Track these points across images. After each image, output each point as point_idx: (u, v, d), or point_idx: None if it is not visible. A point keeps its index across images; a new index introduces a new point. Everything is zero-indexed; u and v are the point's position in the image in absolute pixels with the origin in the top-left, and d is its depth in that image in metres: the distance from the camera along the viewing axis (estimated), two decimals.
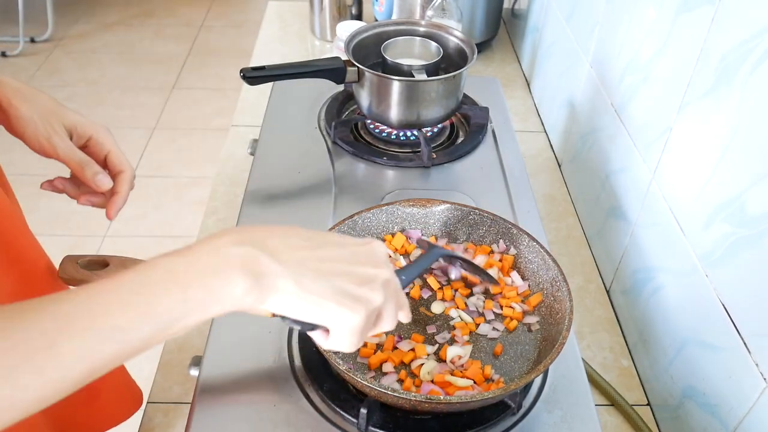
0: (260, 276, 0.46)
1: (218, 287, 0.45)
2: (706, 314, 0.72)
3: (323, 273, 0.48)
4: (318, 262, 0.49)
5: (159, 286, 0.44)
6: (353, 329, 0.49)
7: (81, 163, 0.69)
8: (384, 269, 0.52)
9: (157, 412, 0.84)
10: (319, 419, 0.67)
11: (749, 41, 0.65)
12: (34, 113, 0.68)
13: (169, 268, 0.45)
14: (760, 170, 0.63)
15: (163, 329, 0.44)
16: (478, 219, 0.83)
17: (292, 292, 0.47)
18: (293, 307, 0.47)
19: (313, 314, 0.48)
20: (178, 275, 0.45)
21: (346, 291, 0.48)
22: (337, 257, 0.50)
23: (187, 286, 0.44)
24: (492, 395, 0.61)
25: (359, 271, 0.50)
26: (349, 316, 0.48)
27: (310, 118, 1.11)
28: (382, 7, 1.51)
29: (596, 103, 1.08)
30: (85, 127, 0.71)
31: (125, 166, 0.74)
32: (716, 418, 0.71)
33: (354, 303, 0.48)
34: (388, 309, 0.51)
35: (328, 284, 0.48)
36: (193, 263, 0.45)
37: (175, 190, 2.58)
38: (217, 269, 0.45)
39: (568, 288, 0.72)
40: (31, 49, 3.42)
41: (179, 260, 0.46)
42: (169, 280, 0.45)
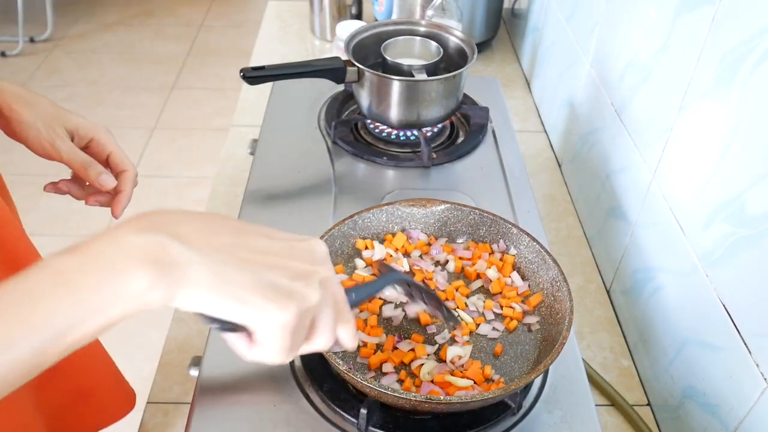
0: (167, 266, 0.38)
1: (115, 284, 0.38)
2: (706, 314, 0.72)
3: (249, 263, 0.41)
4: (243, 250, 0.42)
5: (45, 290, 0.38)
6: (282, 330, 0.41)
7: (84, 164, 0.69)
8: (323, 267, 0.45)
9: (157, 412, 0.84)
10: (319, 419, 0.67)
11: (749, 41, 0.65)
12: (36, 118, 0.68)
13: (57, 267, 0.38)
14: (760, 170, 0.63)
15: (53, 340, 0.37)
16: (479, 219, 0.83)
17: (208, 284, 0.39)
18: (209, 302, 0.40)
19: (233, 310, 0.40)
20: (68, 274, 0.38)
21: (276, 284, 0.41)
22: (268, 248, 0.43)
23: (77, 286, 0.38)
24: (492, 395, 0.61)
25: (294, 265, 0.43)
26: (277, 313, 0.40)
27: (310, 118, 1.11)
28: (382, 7, 1.51)
29: (596, 103, 1.08)
30: (87, 129, 0.72)
31: (128, 166, 0.74)
32: (716, 418, 0.71)
33: (284, 298, 0.41)
34: (324, 316, 0.44)
35: (253, 276, 0.41)
36: (86, 259, 0.39)
37: (175, 190, 2.58)
38: (113, 263, 0.38)
39: (568, 288, 0.72)
40: (30, 49, 3.42)
41: (70, 257, 0.39)
42: (57, 282, 0.38)
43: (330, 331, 0.45)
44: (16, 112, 0.68)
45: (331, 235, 0.78)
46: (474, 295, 0.78)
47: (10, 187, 0.82)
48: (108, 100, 3.09)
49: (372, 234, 0.83)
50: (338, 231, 0.79)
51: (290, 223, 0.90)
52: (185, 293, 0.39)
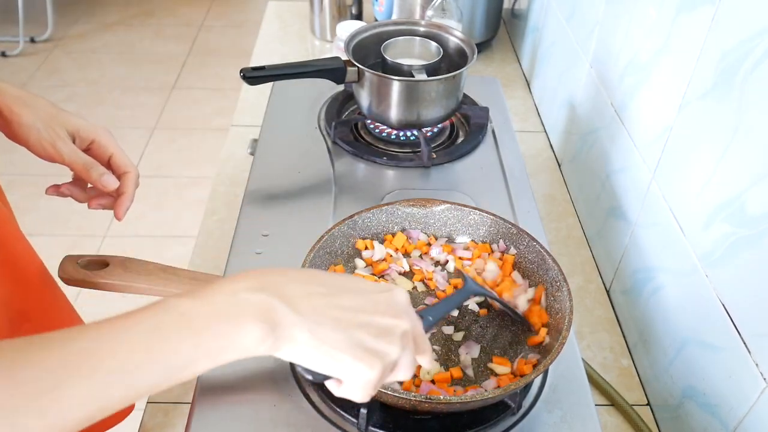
0: (276, 325, 0.45)
1: (232, 335, 0.44)
2: (706, 314, 0.72)
3: (341, 323, 0.47)
4: (336, 310, 0.47)
5: (171, 330, 0.43)
6: (368, 383, 0.47)
7: (86, 165, 0.70)
8: (403, 320, 0.50)
9: (157, 412, 0.84)
10: (319, 419, 0.67)
11: (749, 41, 0.65)
12: (36, 120, 0.68)
13: (182, 311, 0.44)
14: (760, 170, 0.63)
15: (171, 374, 0.43)
16: (479, 219, 0.83)
17: (308, 343, 0.46)
18: (308, 357, 0.46)
19: (327, 366, 0.47)
20: (192, 320, 0.43)
21: (363, 344, 0.47)
22: (356, 306, 0.48)
23: (200, 332, 0.43)
24: (492, 395, 0.61)
25: (378, 321, 0.48)
26: (365, 370, 0.47)
27: (310, 118, 1.11)
28: (382, 7, 1.51)
29: (596, 103, 1.08)
30: (88, 131, 0.72)
31: (129, 167, 0.75)
32: (716, 418, 0.71)
33: (370, 357, 0.47)
34: (404, 360, 0.49)
35: (344, 336, 0.46)
36: (207, 308, 0.44)
37: (175, 190, 2.58)
38: (232, 316, 0.44)
39: (568, 288, 0.72)
40: (31, 49, 3.42)
41: (194, 303, 0.44)
42: (182, 325, 0.43)
43: (410, 368, 0.50)
44: (17, 114, 0.68)
45: (331, 235, 0.78)
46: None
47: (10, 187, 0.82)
48: (108, 100, 3.09)
49: (372, 234, 0.83)
50: (338, 231, 0.79)
51: (290, 223, 0.90)
52: (288, 348, 0.46)
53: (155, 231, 2.37)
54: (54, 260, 0.76)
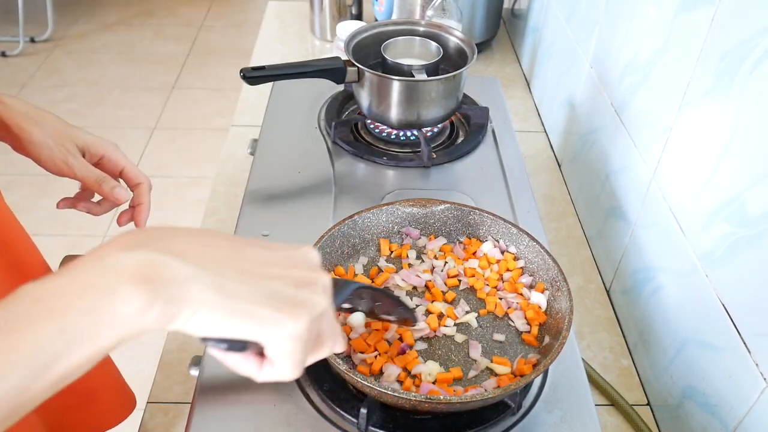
0: (162, 284, 0.35)
1: (103, 307, 0.35)
2: (706, 314, 0.72)
3: (251, 275, 0.39)
4: (242, 262, 0.40)
5: (24, 321, 0.34)
6: (296, 341, 0.39)
7: (98, 180, 0.71)
8: (323, 274, 0.43)
9: (157, 412, 0.84)
10: (319, 419, 0.67)
11: (749, 41, 0.65)
12: (46, 137, 0.69)
13: (37, 295, 0.35)
14: (760, 170, 0.63)
15: (39, 372, 0.34)
16: (478, 219, 0.83)
17: (213, 301, 0.37)
18: (216, 320, 0.37)
19: (242, 327, 0.38)
20: (49, 302, 0.35)
21: (283, 294, 0.39)
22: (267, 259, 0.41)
23: (61, 313, 0.35)
24: (492, 395, 0.61)
25: (295, 273, 0.41)
26: (290, 324, 0.39)
27: (310, 118, 1.11)
28: (382, 7, 1.51)
29: (596, 103, 1.08)
30: (97, 147, 0.73)
31: (142, 178, 0.76)
32: (716, 418, 0.71)
33: (294, 308, 0.39)
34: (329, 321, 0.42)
35: (258, 288, 0.39)
36: (69, 283, 0.36)
37: (175, 190, 2.58)
38: (101, 285, 0.35)
39: (568, 288, 0.72)
40: (31, 49, 3.42)
41: (51, 283, 0.36)
42: (39, 311, 0.35)
43: (335, 335, 0.44)
44: (27, 132, 0.68)
45: (331, 234, 0.78)
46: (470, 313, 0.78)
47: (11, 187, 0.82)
48: (108, 100, 3.09)
49: (372, 234, 0.83)
50: (338, 231, 0.79)
51: (290, 223, 0.90)
52: (187, 313, 0.36)
53: None
54: (54, 260, 0.76)
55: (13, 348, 0.34)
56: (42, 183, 2.43)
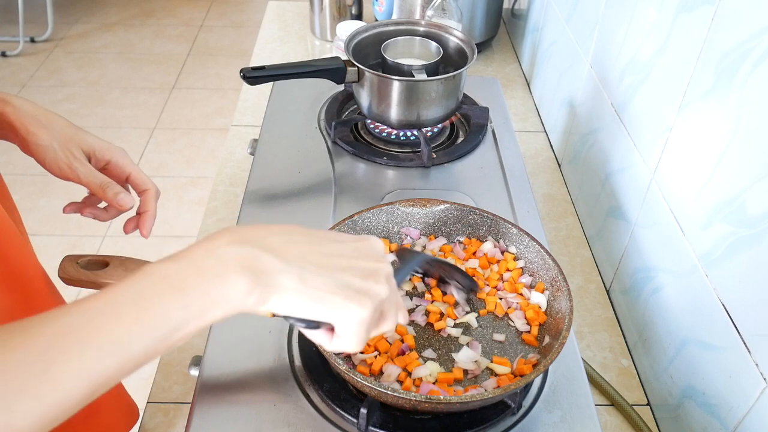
0: (261, 274, 0.44)
1: (217, 290, 0.43)
2: (706, 314, 0.72)
3: (326, 268, 0.47)
4: (320, 257, 0.47)
5: (154, 295, 0.42)
6: (361, 324, 0.48)
7: (102, 185, 0.70)
8: (385, 263, 0.51)
9: (157, 412, 0.84)
10: (319, 419, 0.67)
11: (749, 41, 0.65)
12: (52, 140, 0.68)
13: (163, 274, 0.43)
14: (760, 170, 0.63)
15: (163, 339, 0.42)
16: (478, 219, 0.83)
17: (296, 289, 0.45)
18: (298, 304, 0.46)
19: (318, 311, 0.47)
20: (174, 281, 0.43)
21: (352, 284, 0.47)
22: (339, 252, 0.49)
23: (184, 291, 0.43)
24: (492, 395, 0.61)
25: (362, 264, 0.49)
26: (357, 310, 0.47)
27: (310, 118, 1.11)
28: (382, 7, 1.51)
29: (596, 103, 1.08)
30: (104, 151, 0.72)
31: (148, 185, 0.75)
32: (716, 418, 0.71)
33: (361, 296, 0.47)
34: (391, 304, 0.50)
35: (332, 279, 0.47)
36: (188, 267, 0.44)
37: (175, 190, 2.58)
38: (215, 271, 0.44)
39: (567, 288, 0.72)
40: (31, 49, 3.42)
41: (174, 265, 0.44)
42: (165, 287, 0.43)
43: (395, 316, 0.51)
44: (33, 135, 0.68)
45: None
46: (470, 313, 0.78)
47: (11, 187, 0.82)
48: (108, 100, 3.09)
49: (372, 233, 0.83)
50: (338, 231, 0.79)
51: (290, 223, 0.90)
52: (277, 298, 0.45)
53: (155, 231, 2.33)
54: (54, 260, 0.76)
55: (147, 316, 0.42)
56: (42, 183, 2.43)
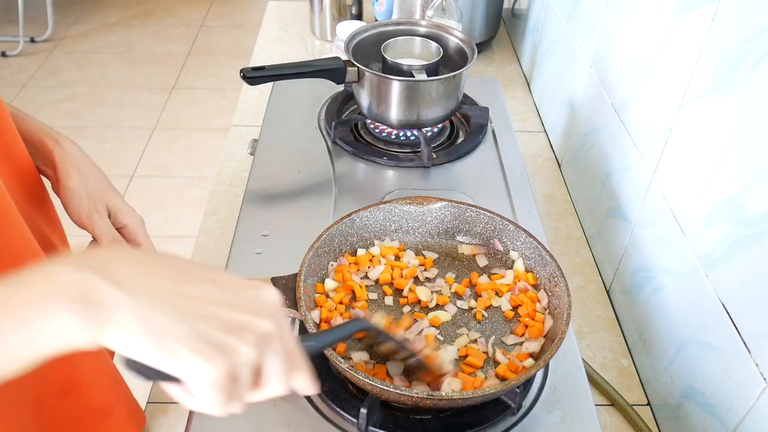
0: (93, 306, 0.37)
1: (38, 320, 0.37)
2: (706, 314, 0.72)
3: (183, 311, 0.39)
4: (180, 297, 0.40)
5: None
6: (212, 386, 0.40)
7: (113, 241, 0.72)
8: (266, 320, 0.42)
9: (157, 412, 0.84)
10: (319, 419, 0.67)
11: (749, 41, 0.65)
12: (82, 189, 0.72)
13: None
14: (760, 170, 0.63)
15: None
16: (475, 216, 0.83)
17: (137, 329, 0.38)
18: (136, 348, 0.38)
19: (161, 360, 0.38)
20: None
21: (207, 336, 0.39)
22: (208, 296, 0.41)
23: (1, 317, 0.37)
24: (492, 391, 0.61)
25: (232, 316, 0.41)
26: (204, 368, 0.39)
27: (310, 118, 1.11)
28: (382, 7, 1.51)
29: (596, 103, 1.08)
30: (123, 215, 0.74)
31: None
32: (716, 418, 0.71)
33: (213, 352, 0.39)
34: (270, 366, 0.42)
35: (185, 326, 0.39)
36: (14, 291, 0.38)
37: (175, 190, 2.58)
38: (40, 298, 0.37)
39: (566, 283, 0.72)
40: (31, 49, 3.42)
41: (2, 287, 0.38)
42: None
43: (279, 379, 0.43)
44: (68, 178, 0.72)
45: (330, 233, 0.78)
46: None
47: None
48: (108, 100, 3.09)
49: (370, 232, 0.83)
50: (336, 230, 0.79)
51: (290, 223, 0.90)
52: (109, 334, 0.38)
53: (155, 231, 2.35)
54: None
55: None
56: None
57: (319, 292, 0.75)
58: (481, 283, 0.79)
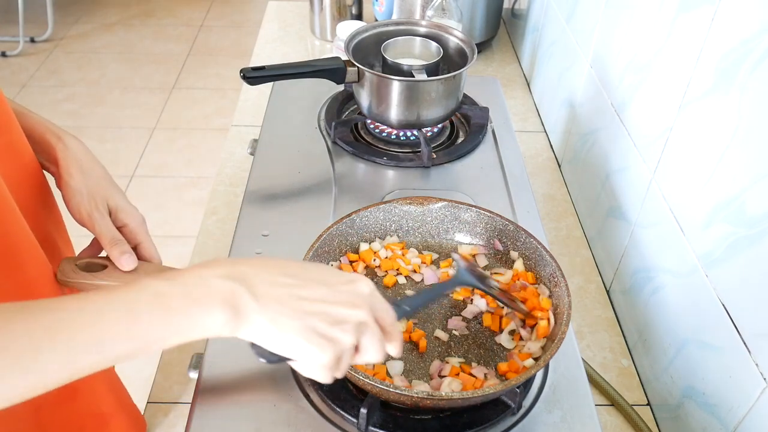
0: (238, 311, 0.49)
1: (200, 316, 0.49)
2: (706, 314, 0.72)
3: (299, 312, 0.51)
4: (297, 300, 0.51)
5: (145, 308, 0.48)
6: (321, 366, 0.52)
7: (113, 240, 0.72)
8: (361, 310, 0.53)
9: (157, 412, 0.84)
10: (319, 419, 0.67)
11: (749, 41, 0.65)
12: (83, 187, 0.72)
13: (157, 291, 0.49)
14: (760, 170, 0.63)
15: (142, 347, 0.48)
16: (475, 216, 0.83)
17: (265, 327, 0.50)
18: (265, 339, 0.51)
19: (283, 349, 0.51)
20: (164, 300, 0.48)
21: (317, 330, 0.51)
22: (318, 296, 0.52)
23: (171, 311, 0.48)
24: (492, 391, 0.61)
25: (335, 311, 0.52)
26: (317, 354, 0.51)
27: (310, 118, 1.11)
28: (382, 7, 1.51)
29: (596, 103, 1.08)
30: (124, 215, 0.75)
31: (154, 258, 0.77)
32: (716, 418, 0.71)
33: (322, 342, 0.51)
34: (365, 344, 0.53)
35: (300, 323, 0.50)
36: (179, 290, 0.49)
37: (175, 190, 2.58)
38: (201, 300, 0.49)
39: (566, 283, 0.72)
40: (31, 49, 3.42)
41: (168, 285, 0.49)
42: (156, 304, 0.48)
43: (375, 350, 0.54)
44: (70, 176, 0.72)
45: (330, 233, 0.78)
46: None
47: None
48: (108, 100, 3.09)
49: (370, 232, 0.83)
50: (336, 230, 0.79)
51: (290, 223, 0.90)
52: (247, 331, 0.50)
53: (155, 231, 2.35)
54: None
55: (130, 328, 0.47)
56: None
57: None
58: None
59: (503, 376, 0.69)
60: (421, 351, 0.72)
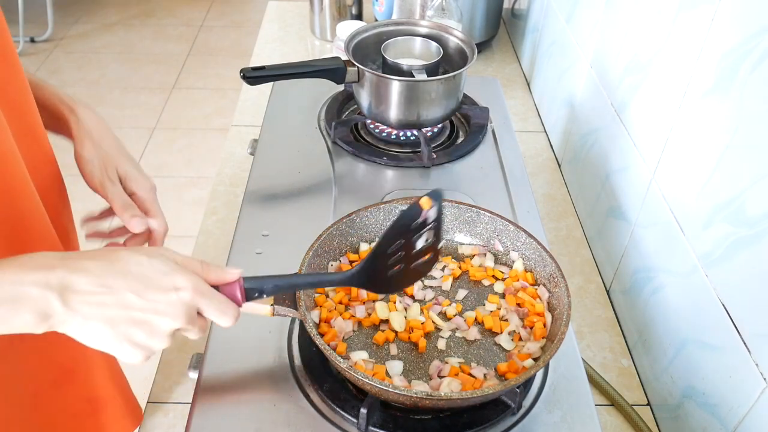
0: (49, 317, 0.52)
1: (9, 317, 0.52)
2: (706, 314, 0.72)
3: (107, 320, 0.54)
4: (111, 308, 0.54)
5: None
6: (135, 361, 0.56)
7: (124, 205, 0.75)
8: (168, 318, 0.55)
9: (157, 412, 0.84)
10: (319, 419, 0.67)
11: (749, 41, 0.65)
12: (95, 156, 0.75)
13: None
14: (760, 170, 0.63)
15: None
16: (475, 216, 0.83)
17: (75, 331, 0.54)
18: (79, 339, 0.55)
19: (98, 347, 0.55)
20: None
21: (130, 339, 0.55)
22: (133, 305, 0.54)
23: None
24: (492, 391, 0.61)
25: (149, 320, 0.55)
26: (128, 357, 0.56)
27: (310, 118, 1.11)
28: (382, 7, 1.51)
29: (596, 103, 1.08)
30: (133, 182, 0.77)
31: (162, 226, 0.81)
32: (716, 418, 0.71)
33: (133, 349, 0.55)
34: (191, 333, 0.58)
35: (112, 332, 0.54)
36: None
37: (175, 190, 2.58)
38: (12, 303, 0.51)
39: (565, 283, 0.72)
40: (31, 49, 3.42)
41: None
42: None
43: (196, 333, 0.58)
44: (82, 147, 0.75)
45: (329, 234, 0.78)
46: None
47: None
48: (108, 100, 3.09)
49: (370, 233, 0.83)
50: (336, 230, 0.79)
51: (290, 223, 0.90)
52: (61, 330, 0.54)
53: None
54: None
55: None
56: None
57: (318, 292, 0.75)
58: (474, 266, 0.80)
59: (503, 377, 0.69)
60: (421, 351, 0.72)
